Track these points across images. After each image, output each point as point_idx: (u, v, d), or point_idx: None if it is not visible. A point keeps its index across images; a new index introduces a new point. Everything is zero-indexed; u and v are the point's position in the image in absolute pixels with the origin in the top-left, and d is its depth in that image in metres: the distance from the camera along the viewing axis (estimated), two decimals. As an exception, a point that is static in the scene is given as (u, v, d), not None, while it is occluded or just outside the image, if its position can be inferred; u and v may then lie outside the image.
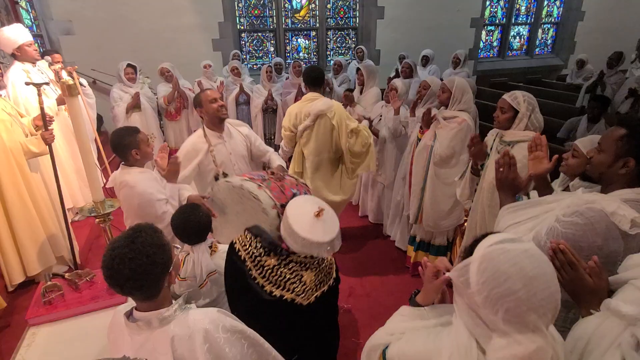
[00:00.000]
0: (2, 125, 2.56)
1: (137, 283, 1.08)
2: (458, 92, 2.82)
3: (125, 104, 4.48)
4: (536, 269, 0.86)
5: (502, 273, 0.87)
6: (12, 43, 3.22)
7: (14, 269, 2.76)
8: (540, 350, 0.85)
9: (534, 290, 0.85)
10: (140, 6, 5.69)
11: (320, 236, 1.46)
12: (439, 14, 7.42)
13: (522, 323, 0.85)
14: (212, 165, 2.46)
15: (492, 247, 0.91)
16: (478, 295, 0.89)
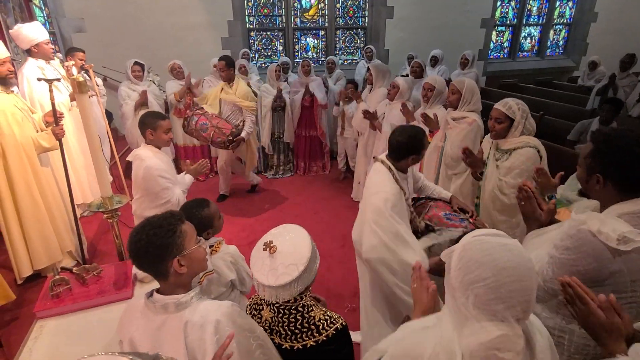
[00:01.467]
0: (14, 120, 2.60)
1: (137, 256, 1.20)
2: (468, 93, 2.81)
3: (133, 102, 4.52)
4: (508, 261, 0.89)
5: (476, 261, 0.91)
6: (31, 40, 3.27)
7: (22, 262, 2.80)
8: (504, 338, 0.87)
9: (503, 280, 0.87)
10: (150, 4, 5.73)
11: (258, 274, 1.30)
12: (449, 14, 7.36)
13: (489, 311, 0.89)
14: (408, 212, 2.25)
15: (475, 238, 0.96)
16: (455, 279, 0.95)
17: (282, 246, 1.32)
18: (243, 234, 3.94)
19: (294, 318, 1.37)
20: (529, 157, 2.23)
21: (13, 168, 2.63)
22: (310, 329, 1.35)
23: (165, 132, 2.43)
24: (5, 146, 2.57)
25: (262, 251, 1.33)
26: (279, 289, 1.28)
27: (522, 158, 2.23)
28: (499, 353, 0.88)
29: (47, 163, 2.89)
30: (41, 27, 3.41)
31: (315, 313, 1.38)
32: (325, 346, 1.35)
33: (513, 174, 2.26)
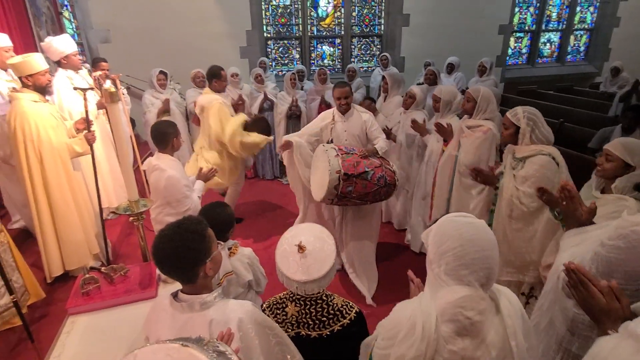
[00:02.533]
0: (50, 127, 2.76)
1: (172, 263, 1.23)
2: (483, 102, 2.81)
3: (156, 109, 4.69)
4: (473, 235, 1.08)
5: (446, 234, 1.11)
6: (61, 52, 3.46)
7: (54, 262, 2.94)
8: (467, 298, 1.06)
9: (468, 250, 1.06)
10: (172, 16, 5.95)
11: (292, 272, 1.45)
12: (465, 21, 7.36)
13: (457, 276, 1.08)
14: (328, 133, 3.22)
15: (447, 218, 1.16)
16: (431, 253, 1.15)
17: (310, 245, 1.49)
18: (259, 238, 4.03)
19: (320, 307, 1.50)
20: (542, 164, 2.20)
21: (49, 172, 2.78)
22: (335, 314, 1.50)
23: (179, 137, 2.58)
24: (43, 152, 2.73)
25: (291, 252, 1.48)
26: (315, 282, 1.43)
27: (535, 166, 2.21)
28: (463, 311, 1.06)
29: (78, 168, 3.05)
30: (70, 39, 3.60)
31: (336, 300, 1.54)
32: (350, 328, 1.50)
33: (529, 183, 2.24)
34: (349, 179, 2.75)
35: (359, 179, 2.78)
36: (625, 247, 1.26)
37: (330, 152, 2.81)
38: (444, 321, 1.08)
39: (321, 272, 1.45)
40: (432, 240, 1.15)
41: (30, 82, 2.70)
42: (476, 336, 1.07)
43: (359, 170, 2.78)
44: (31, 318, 2.69)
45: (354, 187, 2.78)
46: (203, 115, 3.84)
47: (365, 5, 7.21)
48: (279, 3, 6.79)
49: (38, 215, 2.83)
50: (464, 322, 1.06)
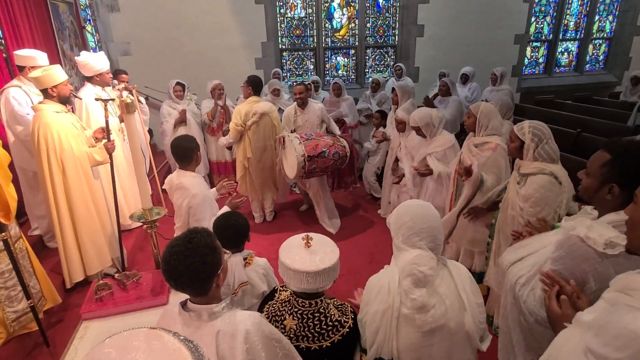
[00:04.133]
0: (72, 136, 2.85)
1: (189, 279, 1.21)
2: (483, 117, 2.76)
3: (173, 120, 4.80)
4: (420, 211, 1.45)
5: (402, 213, 1.47)
6: (97, 70, 3.61)
7: (75, 267, 3.01)
8: (420, 256, 1.39)
9: (416, 222, 1.41)
10: (190, 29, 6.12)
11: (298, 265, 1.46)
12: (481, 31, 7.33)
13: (410, 243, 1.42)
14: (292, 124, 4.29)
15: (403, 204, 1.53)
16: (392, 230, 1.49)
17: (315, 242, 1.56)
18: (272, 247, 4.04)
19: (318, 320, 1.51)
20: (542, 185, 2.10)
21: (70, 180, 2.86)
22: (334, 325, 1.51)
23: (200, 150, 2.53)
24: (65, 160, 2.81)
25: (298, 247, 1.52)
26: (322, 274, 1.46)
27: (534, 186, 2.12)
28: (417, 267, 1.37)
29: (97, 176, 3.13)
30: (105, 57, 3.75)
31: (333, 311, 1.53)
32: (349, 336, 1.52)
33: (530, 202, 2.15)
34: (311, 159, 3.61)
35: (319, 158, 3.64)
36: (566, 254, 1.32)
37: (295, 140, 3.64)
38: (404, 277, 1.39)
39: (331, 262, 1.48)
40: (392, 220, 1.50)
41: (55, 93, 2.80)
42: (430, 287, 1.38)
43: (318, 151, 3.64)
44: (47, 323, 2.75)
45: (316, 164, 3.65)
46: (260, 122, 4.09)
47: (380, 16, 7.27)
48: (294, 15, 6.91)
49: (59, 222, 2.90)
50: (418, 275, 1.37)
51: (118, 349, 0.78)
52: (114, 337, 0.81)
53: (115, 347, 0.79)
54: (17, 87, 3.19)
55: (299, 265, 1.45)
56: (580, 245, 1.28)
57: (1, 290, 2.38)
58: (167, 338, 0.82)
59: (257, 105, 4.07)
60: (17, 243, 2.44)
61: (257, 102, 4.10)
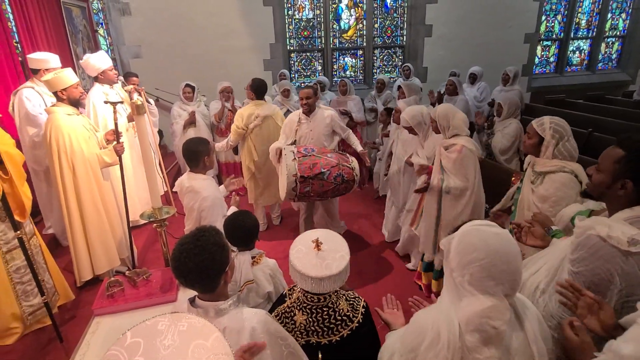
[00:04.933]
0: (82, 138, 2.92)
1: (199, 276, 1.24)
2: (441, 119, 2.73)
3: (183, 121, 4.87)
4: (500, 246, 1.07)
5: (472, 245, 1.09)
6: (97, 68, 3.69)
7: (84, 266, 3.08)
8: (494, 308, 1.05)
9: (495, 262, 1.05)
10: (199, 31, 6.20)
11: (307, 269, 1.45)
12: (490, 31, 7.28)
13: (482, 286, 1.07)
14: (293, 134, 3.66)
15: (472, 226, 1.13)
16: (453, 261, 1.12)
17: (325, 244, 1.52)
18: (279, 247, 4.07)
19: (327, 314, 1.51)
20: (564, 183, 2.02)
21: (81, 181, 2.93)
22: (343, 319, 1.51)
23: (212, 154, 2.51)
24: (75, 162, 2.88)
25: (307, 249, 1.50)
26: (331, 279, 1.43)
27: (556, 184, 2.04)
28: (490, 321, 1.05)
29: (107, 177, 3.20)
30: (106, 55, 3.82)
31: (342, 305, 1.53)
32: (359, 330, 1.51)
33: (550, 202, 2.06)
34: (305, 180, 3.03)
35: (316, 180, 3.03)
36: (588, 255, 1.24)
37: (289, 155, 3.10)
38: (469, 331, 1.08)
39: (338, 269, 1.44)
40: (455, 248, 1.12)
41: (65, 96, 2.87)
42: (501, 344, 1.08)
43: (315, 171, 3.03)
44: (61, 319, 2.82)
45: (311, 187, 3.05)
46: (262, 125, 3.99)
47: (388, 16, 7.27)
48: (302, 17, 6.95)
49: (70, 222, 2.97)
50: (490, 332, 1.06)
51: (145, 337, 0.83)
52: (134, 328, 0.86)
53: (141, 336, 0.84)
54: (30, 88, 3.28)
55: (305, 269, 1.45)
56: (602, 245, 1.22)
57: (17, 285, 2.45)
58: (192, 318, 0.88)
59: (260, 108, 3.99)
60: (31, 240, 2.52)
61: (260, 104, 4.02)
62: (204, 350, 0.84)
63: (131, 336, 0.84)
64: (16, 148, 2.42)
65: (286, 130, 3.64)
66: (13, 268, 2.42)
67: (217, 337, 0.87)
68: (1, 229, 2.34)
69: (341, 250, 1.52)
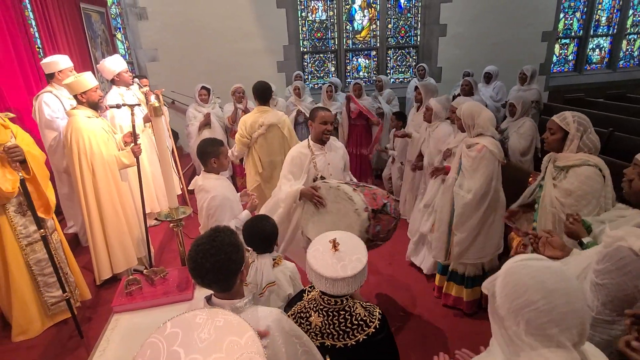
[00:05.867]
0: (102, 140, 3.00)
1: (215, 276, 1.25)
2: (466, 117, 2.68)
3: (198, 122, 4.95)
4: (557, 283, 0.87)
5: (522, 285, 0.89)
6: (112, 71, 3.79)
7: (103, 265, 3.16)
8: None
9: (554, 302, 0.85)
10: (214, 34, 6.29)
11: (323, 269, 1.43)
12: (506, 29, 7.17)
13: (544, 336, 0.86)
14: (313, 170, 2.79)
15: (517, 262, 0.95)
16: (502, 307, 0.92)
17: (344, 245, 1.50)
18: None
19: (343, 318, 1.49)
20: (589, 176, 2.00)
21: (100, 182, 3.01)
22: (359, 324, 1.49)
23: (225, 157, 2.47)
24: (95, 164, 2.96)
25: (324, 250, 1.49)
26: (345, 281, 1.41)
27: (581, 177, 2.03)
28: None
29: (125, 178, 3.27)
30: (120, 58, 3.91)
31: (359, 310, 1.52)
32: (375, 337, 1.49)
33: (574, 197, 2.03)
34: (375, 215, 2.27)
35: (383, 214, 2.29)
36: (615, 268, 1.16)
37: (344, 187, 2.32)
38: None
39: (353, 271, 1.42)
40: (502, 291, 0.93)
41: (84, 99, 2.95)
42: None
43: (380, 203, 2.30)
44: (82, 317, 2.89)
45: (381, 225, 2.29)
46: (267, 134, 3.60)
47: (401, 17, 7.23)
48: (315, 18, 6.97)
49: (89, 223, 3.05)
50: None
51: (183, 328, 0.87)
52: (174, 318, 0.90)
53: (180, 327, 0.88)
54: (49, 92, 3.38)
55: (321, 269, 1.44)
56: (633, 259, 1.13)
57: (39, 277, 2.54)
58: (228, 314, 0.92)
59: (264, 116, 3.57)
60: (52, 234, 2.61)
61: (264, 112, 3.60)
62: (238, 347, 0.86)
63: (171, 326, 0.88)
64: (37, 147, 2.50)
65: (294, 170, 2.75)
66: (33, 261, 2.49)
67: (251, 336, 0.89)
68: (22, 222, 2.42)
69: (359, 253, 1.50)
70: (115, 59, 3.85)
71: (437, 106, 3.51)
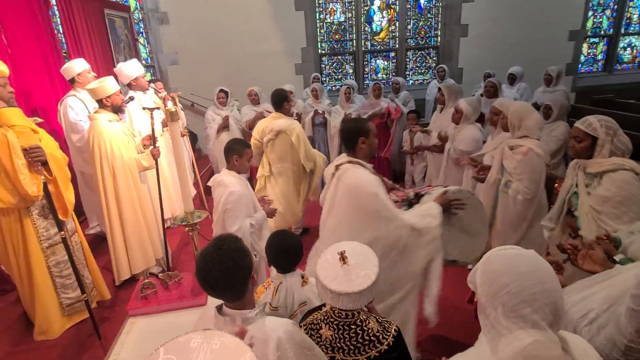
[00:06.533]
0: (122, 143, 3.06)
1: (227, 284, 1.23)
2: (513, 117, 2.58)
3: (216, 125, 4.99)
4: (526, 266, 0.93)
5: (497, 271, 0.96)
6: (130, 76, 3.86)
7: (123, 266, 3.21)
8: (537, 343, 0.87)
9: (525, 284, 0.91)
10: (233, 38, 6.36)
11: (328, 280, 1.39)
12: (530, 29, 6.95)
13: (519, 317, 0.90)
14: None
15: (493, 252, 1.01)
16: (482, 295, 0.98)
17: (353, 259, 1.44)
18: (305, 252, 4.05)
19: (354, 333, 1.43)
20: (626, 180, 1.88)
21: (120, 185, 3.07)
22: (371, 340, 1.42)
23: (248, 159, 2.54)
24: (115, 166, 3.02)
25: (333, 261, 1.44)
26: (349, 297, 1.36)
27: (618, 182, 1.91)
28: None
29: (144, 180, 3.33)
30: (137, 63, 3.98)
31: (372, 325, 1.45)
32: (388, 354, 1.41)
33: (612, 203, 1.91)
34: None
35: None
36: None
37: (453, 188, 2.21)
38: None
39: (360, 287, 1.36)
40: (480, 280, 0.99)
41: (109, 103, 3.02)
42: None
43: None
44: (100, 317, 2.94)
45: None
46: (276, 140, 3.66)
47: (421, 17, 7.12)
48: (334, 20, 6.95)
49: (110, 224, 3.11)
50: None
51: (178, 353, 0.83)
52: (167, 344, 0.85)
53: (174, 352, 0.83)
54: (72, 96, 3.47)
55: (327, 281, 1.40)
56: None
57: (57, 279, 2.59)
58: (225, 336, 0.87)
59: (275, 122, 3.66)
60: (72, 237, 2.66)
61: (276, 118, 3.70)
62: None
63: (164, 352, 0.84)
64: (60, 150, 2.55)
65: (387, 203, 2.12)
66: (53, 262, 2.55)
67: (250, 357, 0.85)
68: (44, 225, 2.48)
69: (369, 269, 1.42)
70: (132, 63, 3.92)
71: (468, 108, 3.42)
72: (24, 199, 2.30)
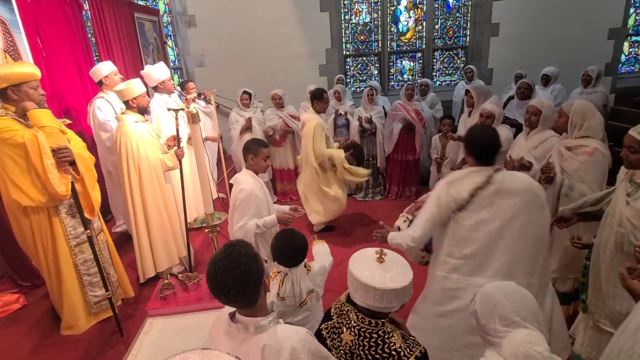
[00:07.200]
0: (148, 144, 3.13)
1: (239, 290, 1.20)
2: (577, 116, 2.43)
3: (239, 127, 5.03)
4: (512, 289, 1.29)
5: (491, 295, 1.29)
6: (157, 79, 3.93)
7: (147, 264, 3.28)
8: (530, 335, 1.16)
9: (513, 299, 1.24)
10: (258, 40, 6.41)
11: (373, 281, 1.36)
12: (566, 27, 6.63)
13: (512, 322, 1.21)
14: None
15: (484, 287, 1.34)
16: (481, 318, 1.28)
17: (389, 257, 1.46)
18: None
19: (375, 342, 1.38)
20: None
21: (145, 184, 3.14)
22: (391, 354, 1.36)
23: (264, 159, 2.55)
24: (141, 166, 3.09)
25: (369, 260, 1.45)
26: (392, 293, 1.35)
27: None
28: (533, 346, 1.12)
29: (168, 180, 3.38)
30: (164, 66, 4.05)
31: (395, 339, 1.38)
32: None
33: None
34: None
35: None
36: None
37: None
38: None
39: (399, 284, 1.35)
40: (478, 305, 1.29)
41: (135, 104, 3.09)
42: None
43: None
44: (123, 313, 3.01)
45: None
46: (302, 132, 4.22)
47: (450, 16, 6.93)
48: (359, 21, 6.87)
49: (135, 222, 3.18)
50: (537, 357, 1.10)
51: None
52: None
53: None
54: (100, 98, 3.58)
55: (368, 280, 1.36)
56: None
57: (84, 277, 2.66)
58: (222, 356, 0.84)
59: (302, 115, 4.27)
60: (98, 236, 2.73)
61: (307, 112, 4.24)
62: None
63: None
64: (87, 151, 2.62)
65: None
66: (80, 261, 2.61)
67: None
68: (72, 224, 2.54)
69: (404, 266, 1.44)
70: (159, 67, 3.99)
71: (498, 110, 3.35)
72: (53, 198, 2.36)
